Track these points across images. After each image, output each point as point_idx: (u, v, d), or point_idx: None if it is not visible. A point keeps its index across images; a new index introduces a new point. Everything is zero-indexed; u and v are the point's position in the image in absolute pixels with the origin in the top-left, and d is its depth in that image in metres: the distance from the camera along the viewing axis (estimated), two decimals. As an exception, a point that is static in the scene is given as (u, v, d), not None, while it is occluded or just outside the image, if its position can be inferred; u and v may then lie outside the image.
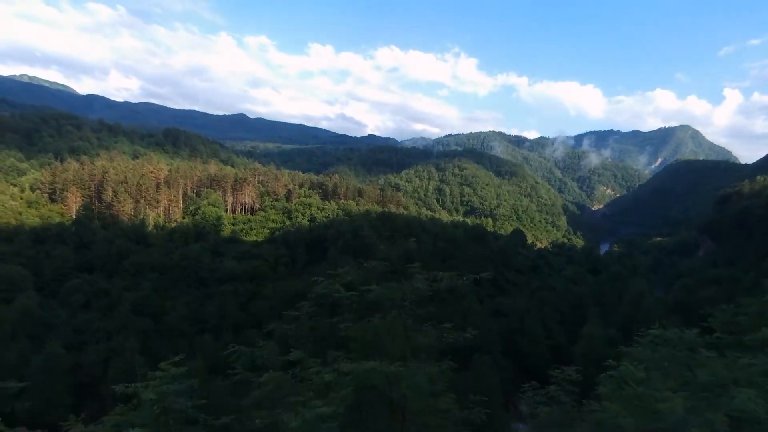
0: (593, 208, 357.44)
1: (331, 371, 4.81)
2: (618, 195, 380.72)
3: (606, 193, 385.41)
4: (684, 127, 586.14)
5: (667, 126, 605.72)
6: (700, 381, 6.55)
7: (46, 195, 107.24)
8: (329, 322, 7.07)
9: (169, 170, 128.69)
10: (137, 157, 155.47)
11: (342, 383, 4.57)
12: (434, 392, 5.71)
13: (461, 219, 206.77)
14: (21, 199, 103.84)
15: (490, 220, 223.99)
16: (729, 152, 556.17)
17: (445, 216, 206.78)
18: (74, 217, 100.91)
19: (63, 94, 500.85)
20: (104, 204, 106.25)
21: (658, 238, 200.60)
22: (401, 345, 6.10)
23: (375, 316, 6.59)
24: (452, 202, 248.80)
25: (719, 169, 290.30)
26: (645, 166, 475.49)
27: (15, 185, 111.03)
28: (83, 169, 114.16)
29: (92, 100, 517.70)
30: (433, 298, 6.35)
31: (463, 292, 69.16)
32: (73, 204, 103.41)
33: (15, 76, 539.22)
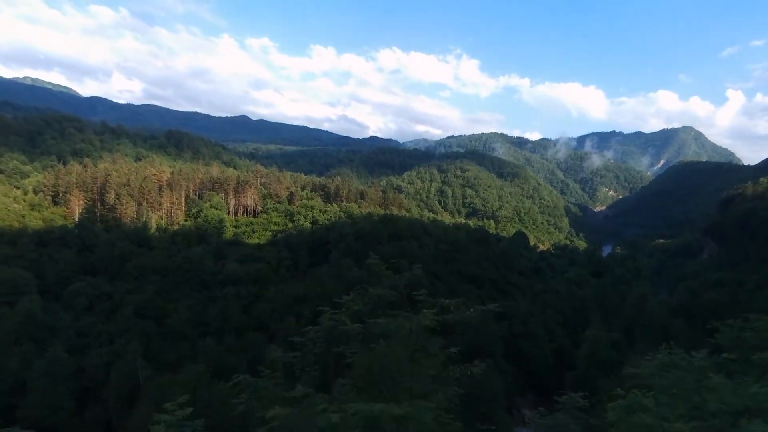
0: (595, 210, 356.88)
1: (337, 411, 4.75)
2: (620, 196, 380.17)
3: (608, 195, 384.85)
4: (687, 129, 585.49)
5: (669, 127, 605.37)
6: (710, 409, 6.47)
7: (49, 198, 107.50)
8: (335, 352, 7.01)
9: (172, 173, 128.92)
10: (140, 159, 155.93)
11: (349, 425, 4.52)
12: (442, 423, 5.65)
13: (463, 221, 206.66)
14: (24, 201, 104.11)
15: (492, 222, 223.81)
16: (732, 153, 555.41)
17: (447, 218, 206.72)
18: (77, 219, 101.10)
19: (66, 96, 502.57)
20: (107, 207, 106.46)
21: (661, 240, 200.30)
22: (407, 375, 6.02)
23: (381, 344, 6.53)
24: (454, 204, 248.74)
25: (722, 171, 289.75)
26: (647, 167, 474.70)
27: (18, 188, 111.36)
28: (86, 171, 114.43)
29: (95, 102, 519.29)
30: (441, 330, 6.31)
31: (471, 323, 68.54)
32: (76, 207, 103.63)
33: (18, 78, 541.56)
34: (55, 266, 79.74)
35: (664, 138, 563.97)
